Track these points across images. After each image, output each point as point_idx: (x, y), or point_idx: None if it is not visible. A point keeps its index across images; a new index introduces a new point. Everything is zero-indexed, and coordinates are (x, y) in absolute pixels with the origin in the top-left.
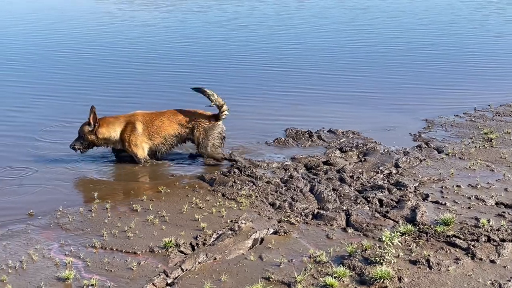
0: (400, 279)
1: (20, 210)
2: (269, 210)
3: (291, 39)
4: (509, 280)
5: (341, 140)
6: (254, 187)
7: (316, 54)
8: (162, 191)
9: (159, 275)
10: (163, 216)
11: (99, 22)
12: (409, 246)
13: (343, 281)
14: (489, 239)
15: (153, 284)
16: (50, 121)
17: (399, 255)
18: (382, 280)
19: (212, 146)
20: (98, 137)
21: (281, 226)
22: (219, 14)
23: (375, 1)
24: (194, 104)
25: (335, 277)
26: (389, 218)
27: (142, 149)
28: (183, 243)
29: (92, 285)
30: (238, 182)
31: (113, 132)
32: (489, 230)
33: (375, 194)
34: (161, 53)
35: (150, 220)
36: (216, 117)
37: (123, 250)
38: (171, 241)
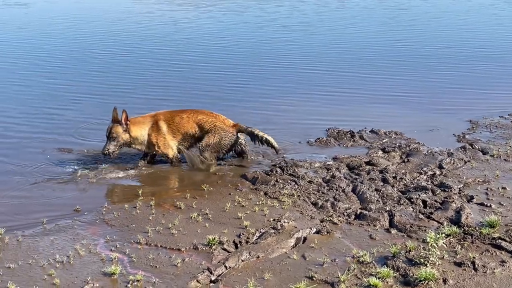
0: (445, 280)
1: (67, 206)
2: (311, 210)
3: (332, 39)
4: None
5: (384, 141)
6: (296, 186)
7: (357, 55)
8: (205, 189)
9: (203, 272)
10: (206, 213)
11: (138, 22)
12: (454, 248)
13: (387, 282)
14: None
15: (197, 280)
16: (91, 119)
17: (443, 256)
18: (426, 281)
19: (215, 152)
20: (131, 136)
21: (323, 226)
22: (258, 14)
23: (416, 1)
24: (231, 106)
25: (379, 278)
26: (433, 219)
27: (171, 148)
28: (227, 240)
29: (138, 280)
30: (281, 181)
31: (143, 131)
32: None
33: (419, 195)
34: (200, 54)
35: (194, 217)
36: (237, 129)
37: (168, 247)
38: (214, 238)
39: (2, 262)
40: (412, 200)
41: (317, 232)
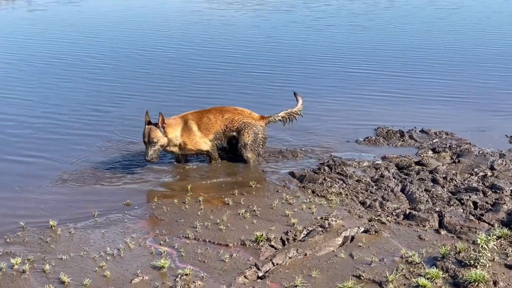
0: (495, 283)
1: (118, 200)
2: (359, 209)
3: (381, 39)
4: None
5: (434, 141)
6: (344, 185)
7: (407, 55)
8: (253, 186)
9: (251, 268)
10: (254, 210)
11: (187, 21)
12: (505, 250)
13: (436, 283)
14: None
15: (244, 276)
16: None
17: (494, 258)
18: (476, 283)
19: (255, 150)
20: (169, 138)
21: (371, 225)
22: (306, 13)
23: (468, 1)
24: (278, 105)
25: (427, 278)
26: (484, 221)
27: (204, 143)
28: (274, 237)
29: (186, 274)
30: (328, 180)
31: (176, 132)
32: None
33: (469, 196)
34: (247, 53)
35: (242, 214)
36: (264, 120)
37: (216, 242)
38: (262, 235)
39: (55, 254)
40: (462, 201)
41: (365, 231)
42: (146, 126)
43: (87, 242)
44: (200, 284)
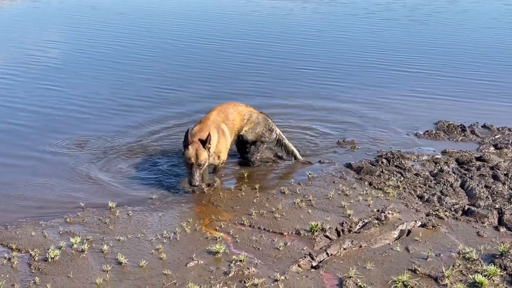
0: None
1: (174, 185)
2: (417, 203)
3: (440, 35)
4: None
5: (496, 136)
6: (402, 178)
7: (472, 48)
8: (310, 176)
9: (305, 257)
10: (310, 200)
11: (241, 13)
12: None
13: (493, 280)
14: None
15: (298, 265)
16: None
17: None
18: None
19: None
20: (210, 153)
21: (429, 220)
22: (362, 5)
23: None
24: (336, 94)
25: (485, 276)
26: None
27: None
28: (329, 228)
29: (241, 260)
30: (386, 172)
31: (213, 141)
32: None
33: None
34: (304, 46)
35: (297, 203)
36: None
37: (270, 230)
38: (317, 225)
39: (113, 235)
40: None
41: (422, 225)
42: (191, 147)
43: (144, 224)
44: (254, 271)
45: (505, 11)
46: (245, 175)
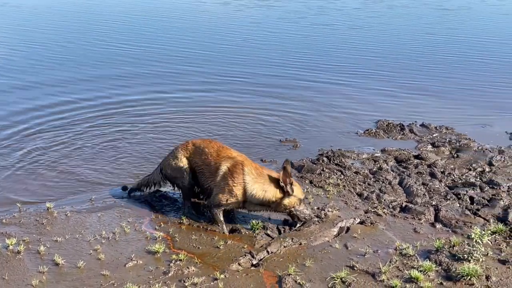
0: (487, 277)
1: (115, 185)
2: (356, 200)
3: (388, 35)
4: None
5: (434, 135)
6: (342, 176)
7: (412, 49)
8: None
9: (245, 255)
10: None
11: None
12: (499, 245)
13: (429, 276)
14: None
15: (238, 263)
16: None
17: (488, 253)
18: (469, 277)
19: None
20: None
21: (367, 217)
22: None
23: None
24: (279, 92)
25: (420, 271)
26: (480, 216)
27: None
28: (270, 226)
29: (180, 260)
30: (327, 171)
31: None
32: None
33: (466, 191)
34: (236, 48)
35: None
36: None
37: (211, 229)
38: (258, 223)
39: (50, 235)
40: (459, 196)
41: (361, 222)
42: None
43: (83, 225)
44: (193, 270)
45: (442, 15)
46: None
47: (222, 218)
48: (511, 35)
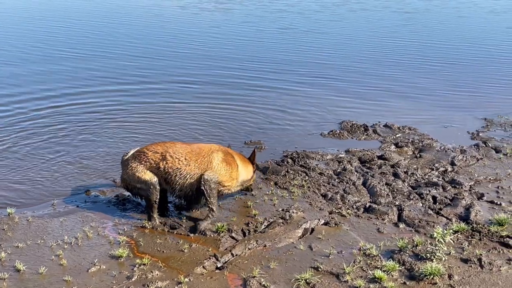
0: (450, 276)
1: (78, 189)
2: (320, 201)
3: (340, 38)
4: None
5: (397, 135)
6: (307, 177)
7: (378, 52)
8: None
9: (210, 258)
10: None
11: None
12: (461, 244)
13: (392, 275)
14: None
15: (203, 266)
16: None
17: (450, 252)
18: (432, 276)
19: None
20: None
21: (332, 218)
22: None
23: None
24: (248, 94)
25: (384, 271)
26: (442, 215)
27: None
28: (235, 228)
29: (144, 264)
30: (291, 172)
31: None
32: None
33: (429, 191)
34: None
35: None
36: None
37: (175, 232)
38: (223, 226)
39: (11, 241)
40: (422, 196)
41: (325, 223)
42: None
43: (45, 230)
44: (157, 274)
45: (406, 18)
46: None
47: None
48: (470, 38)
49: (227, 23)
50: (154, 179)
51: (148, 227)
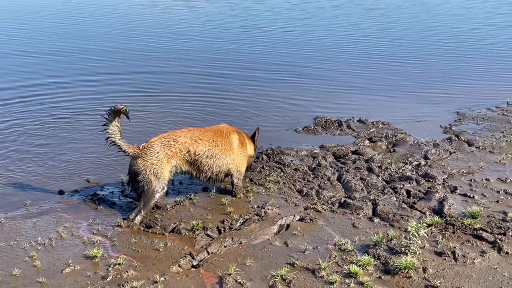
0: (424, 269)
1: (51, 189)
2: (296, 197)
3: (324, 29)
4: None
5: (371, 130)
6: (282, 173)
7: (350, 46)
8: None
9: (185, 256)
10: (191, 198)
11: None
12: (435, 237)
13: (367, 270)
14: None
15: (179, 265)
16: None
17: (424, 246)
18: (406, 270)
19: None
20: None
21: (307, 213)
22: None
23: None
24: (218, 93)
25: (359, 266)
26: (416, 209)
27: None
28: (210, 226)
29: (119, 263)
30: (266, 168)
31: None
32: None
33: (403, 185)
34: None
35: (179, 201)
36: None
37: (150, 231)
38: (198, 224)
39: None
40: (396, 190)
41: (301, 219)
42: None
43: (18, 231)
44: (133, 274)
45: (378, 15)
46: (124, 178)
47: None
48: (442, 34)
49: (194, 22)
50: (167, 179)
51: (123, 226)
